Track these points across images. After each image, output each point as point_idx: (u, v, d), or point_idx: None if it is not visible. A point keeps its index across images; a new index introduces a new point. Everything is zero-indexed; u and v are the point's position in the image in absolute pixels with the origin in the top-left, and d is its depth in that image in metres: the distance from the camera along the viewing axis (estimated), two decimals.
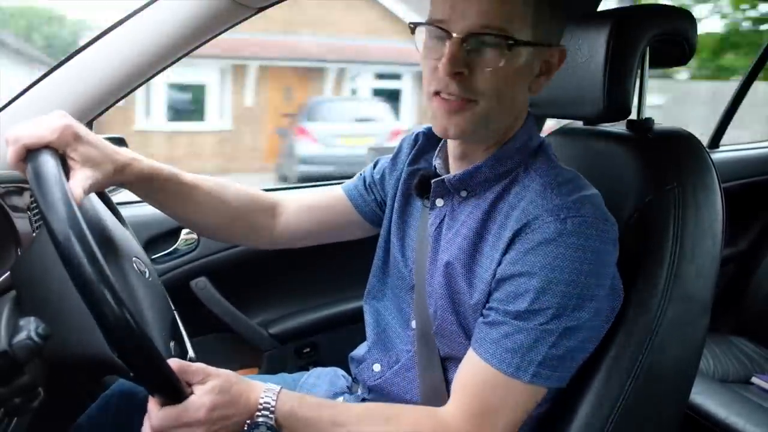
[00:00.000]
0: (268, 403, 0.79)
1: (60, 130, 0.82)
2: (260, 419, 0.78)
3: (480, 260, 0.87)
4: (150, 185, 0.98)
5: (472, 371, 0.84)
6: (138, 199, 1.05)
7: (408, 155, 1.06)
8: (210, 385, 0.77)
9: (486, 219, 0.88)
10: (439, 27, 0.80)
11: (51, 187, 0.70)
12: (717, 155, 2.15)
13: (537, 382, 0.81)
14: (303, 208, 1.13)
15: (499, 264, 0.84)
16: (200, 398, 0.76)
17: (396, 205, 1.04)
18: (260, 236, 1.13)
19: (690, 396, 1.05)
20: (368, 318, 1.08)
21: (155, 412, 0.75)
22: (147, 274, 0.94)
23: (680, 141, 1.02)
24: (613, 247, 0.84)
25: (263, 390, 0.80)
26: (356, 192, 1.13)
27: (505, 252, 0.83)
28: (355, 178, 1.15)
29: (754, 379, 1.73)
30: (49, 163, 0.75)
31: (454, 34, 0.79)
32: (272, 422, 0.78)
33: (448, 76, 0.80)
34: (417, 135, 1.07)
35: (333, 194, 1.14)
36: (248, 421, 0.78)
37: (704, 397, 1.54)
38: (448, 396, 0.92)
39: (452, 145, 0.94)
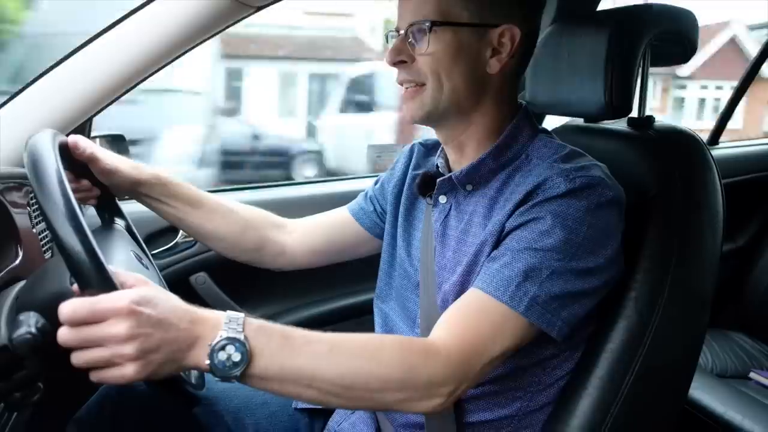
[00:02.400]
0: (237, 317, 0.70)
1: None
2: (227, 334, 0.68)
3: (491, 229, 0.89)
4: (164, 188, 1.04)
5: (468, 300, 0.84)
6: None
7: (406, 164, 1.11)
8: (146, 286, 0.69)
9: (493, 201, 0.91)
10: (395, 30, 0.94)
11: (42, 145, 0.74)
12: (716, 152, 2.15)
13: (530, 316, 0.81)
14: (311, 226, 1.18)
15: (509, 217, 0.86)
16: (127, 290, 0.66)
17: (401, 209, 1.07)
18: (270, 251, 1.15)
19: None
20: (376, 319, 1.10)
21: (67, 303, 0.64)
22: (146, 265, 0.95)
23: (681, 138, 1.02)
24: (619, 211, 0.86)
25: (225, 312, 0.72)
26: (357, 207, 1.18)
27: (515, 208, 0.86)
28: (358, 197, 1.20)
29: (753, 375, 1.73)
30: (46, 131, 0.79)
31: (400, 32, 0.91)
32: (241, 336, 0.69)
33: (395, 66, 0.92)
34: (413, 146, 1.13)
35: (338, 213, 1.19)
36: (210, 343, 0.68)
37: (702, 392, 1.55)
38: None
39: (446, 140, 0.98)
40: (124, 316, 0.64)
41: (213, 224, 1.09)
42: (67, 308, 0.64)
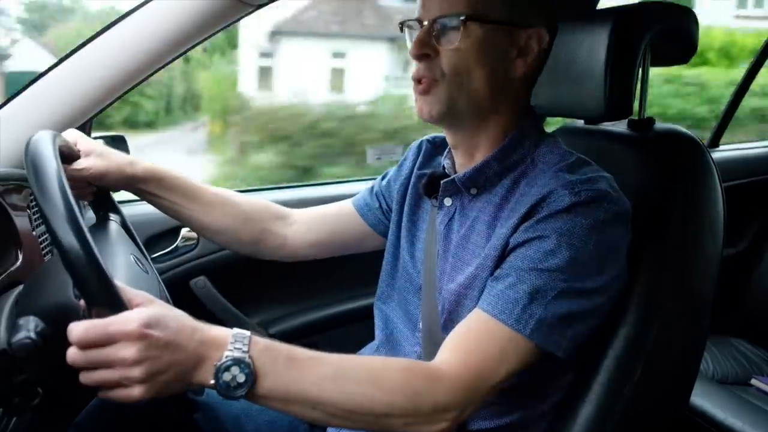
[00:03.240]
0: (243, 336, 0.71)
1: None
2: (232, 354, 0.69)
3: (495, 242, 0.88)
4: (160, 183, 1.03)
5: (472, 322, 0.83)
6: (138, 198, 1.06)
7: (413, 162, 1.10)
8: (154, 306, 0.69)
9: (498, 210, 0.89)
10: (416, 20, 0.89)
11: (43, 146, 0.73)
12: (716, 154, 2.15)
13: (536, 338, 0.80)
14: (314, 219, 1.16)
15: (513, 232, 0.84)
16: (136, 312, 0.67)
17: (406, 208, 1.06)
18: (271, 243, 1.13)
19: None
20: (377, 321, 1.09)
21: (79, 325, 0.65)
22: (145, 270, 0.94)
23: (681, 140, 1.01)
24: (625, 227, 0.85)
25: (232, 330, 0.72)
26: (362, 202, 1.16)
27: (520, 223, 0.84)
28: (363, 191, 1.18)
29: (754, 381, 1.73)
30: (46, 132, 0.79)
31: (424, 23, 0.87)
32: (246, 357, 0.69)
33: (416, 60, 0.88)
34: (421, 143, 1.11)
35: (342, 206, 1.18)
36: (216, 364, 0.68)
37: (703, 399, 1.54)
38: None
39: (456, 143, 0.96)
40: (133, 339, 0.65)
41: (211, 217, 1.08)
42: (77, 330, 0.65)
